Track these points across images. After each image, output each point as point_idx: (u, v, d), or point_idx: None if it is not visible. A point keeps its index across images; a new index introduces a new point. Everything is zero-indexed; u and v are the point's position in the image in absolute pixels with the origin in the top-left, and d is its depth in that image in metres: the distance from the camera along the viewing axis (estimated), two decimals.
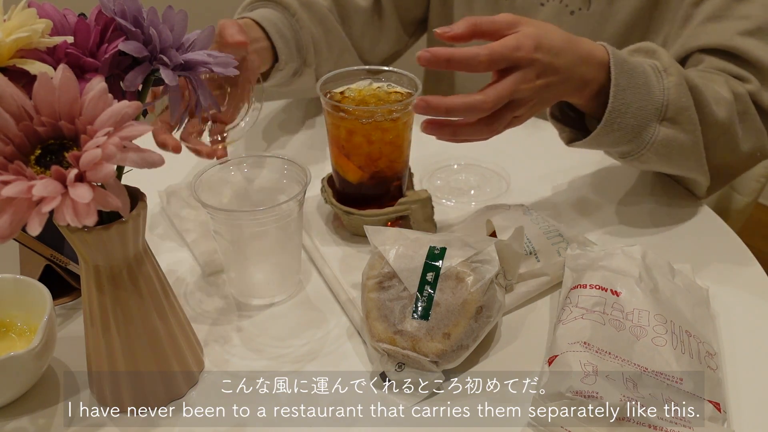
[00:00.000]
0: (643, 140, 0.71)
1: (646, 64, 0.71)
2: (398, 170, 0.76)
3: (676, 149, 0.72)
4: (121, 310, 0.53)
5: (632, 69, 0.70)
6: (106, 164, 0.40)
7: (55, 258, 0.66)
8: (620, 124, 0.69)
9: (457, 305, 0.59)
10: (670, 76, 0.70)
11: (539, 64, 0.64)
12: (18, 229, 0.40)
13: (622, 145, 0.72)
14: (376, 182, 0.75)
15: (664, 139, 0.71)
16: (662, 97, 0.70)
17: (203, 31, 0.53)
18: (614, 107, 0.68)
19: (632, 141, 0.71)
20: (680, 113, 0.70)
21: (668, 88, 0.70)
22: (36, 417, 0.57)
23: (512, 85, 0.63)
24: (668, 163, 0.74)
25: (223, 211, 0.64)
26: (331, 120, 0.73)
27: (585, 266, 0.66)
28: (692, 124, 0.71)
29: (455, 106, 0.62)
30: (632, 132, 0.70)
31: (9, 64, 0.46)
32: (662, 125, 0.70)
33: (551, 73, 0.65)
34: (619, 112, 0.69)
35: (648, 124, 0.70)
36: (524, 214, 0.73)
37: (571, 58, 0.66)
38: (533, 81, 0.64)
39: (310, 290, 0.71)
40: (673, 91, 0.70)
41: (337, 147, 0.74)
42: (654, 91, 0.70)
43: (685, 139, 0.72)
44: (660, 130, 0.70)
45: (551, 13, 0.94)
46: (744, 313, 0.67)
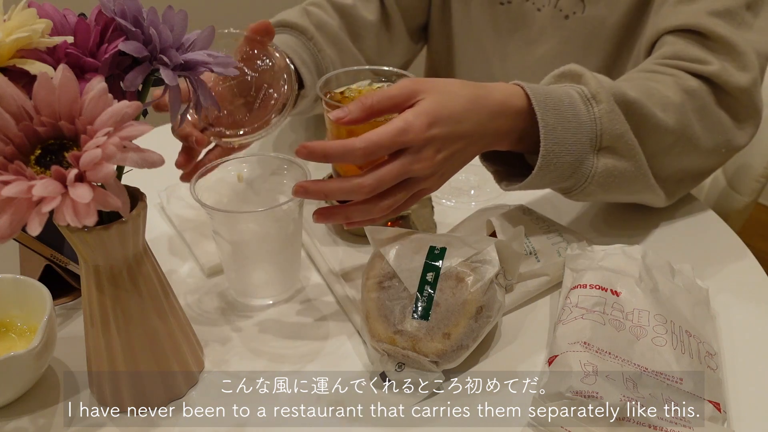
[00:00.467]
0: (583, 174, 0.68)
1: (574, 92, 0.68)
2: None
3: (619, 177, 0.69)
4: (121, 310, 0.53)
5: (558, 104, 0.66)
6: (106, 164, 0.40)
7: (55, 258, 0.66)
8: (557, 165, 0.66)
9: (457, 305, 0.59)
10: (600, 103, 0.67)
11: (437, 140, 0.60)
12: (18, 229, 0.40)
13: (562, 183, 0.69)
14: None
15: (605, 169, 0.68)
16: (594, 126, 0.67)
17: (203, 31, 0.53)
18: (547, 149, 0.65)
19: (571, 177, 0.68)
20: (616, 140, 0.67)
21: (599, 117, 0.67)
22: (36, 417, 0.57)
23: (399, 168, 0.59)
24: (614, 192, 0.71)
25: (223, 212, 0.64)
26: (331, 120, 0.73)
27: (585, 266, 0.66)
28: (631, 149, 0.68)
29: (331, 191, 0.59)
30: (570, 168, 0.67)
31: (9, 64, 0.46)
32: (600, 156, 0.68)
33: (454, 141, 0.61)
34: (553, 153, 0.65)
35: (585, 158, 0.67)
36: (524, 214, 0.73)
37: (479, 118, 0.62)
38: (431, 158, 0.60)
39: (310, 290, 0.71)
40: (605, 118, 0.67)
41: None
42: (584, 122, 0.66)
43: (626, 166, 0.69)
44: (599, 161, 0.68)
45: (547, 18, 0.94)
46: (744, 313, 0.67)
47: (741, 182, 1.03)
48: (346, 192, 0.59)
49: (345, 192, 0.59)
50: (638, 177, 0.71)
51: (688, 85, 0.73)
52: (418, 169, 0.60)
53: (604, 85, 0.68)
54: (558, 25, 0.93)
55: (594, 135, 0.67)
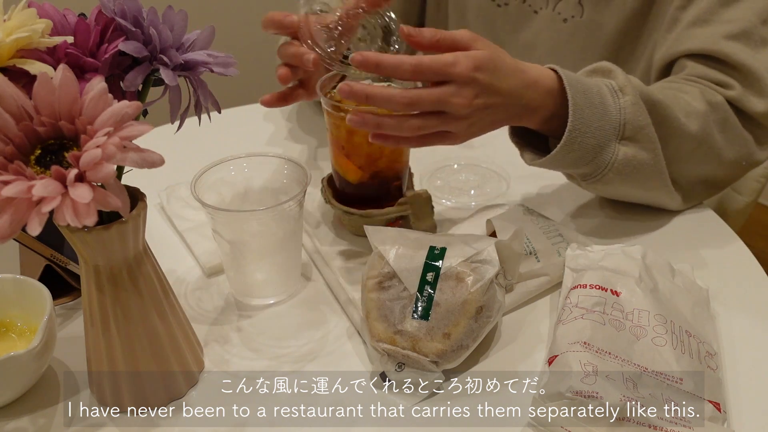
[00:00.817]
0: (604, 160, 0.70)
1: (603, 84, 0.71)
2: (398, 170, 0.76)
3: (638, 168, 0.71)
4: (121, 310, 0.53)
5: (587, 89, 0.69)
6: (106, 164, 0.40)
7: (55, 258, 0.66)
8: (581, 144, 0.69)
9: (457, 305, 0.59)
10: (626, 95, 0.70)
11: (477, 83, 0.63)
12: (18, 229, 0.40)
13: (582, 167, 0.72)
14: (377, 182, 0.75)
15: (624, 158, 0.70)
16: (619, 116, 0.70)
17: (203, 31, 0.53)
18: (574, 126, 0.68)
19: (592, 162, 0.71)
20: (638, 132, 0.70)
21: (624, 108, 0.70)
22: (36, 417, 0.57)
23: (439, 95, 0.62)
24: (631, 184, 0.74)
25: (223, 211, 0.64)
26: (331, 120, 0.73)
27: (585, 266, 0.66)
28: (651, 142, 0.71)
29: (373, 94, 0.62)
30: (592, 152, 0.70)
31: (9, 64, 0.46)
32: (621, 144, 0.70)
33: (492, 94, 0.64)
34: (579, 131, 0.68)
35: (607, 144, 0.70)
36: (524, 214, 0.73)
37: (516, 83, 0.66)
38: (470, 99, 0.63)
39: (310, 290, 0.71)
40: (630, 110, 0.70)
41: (338, 147, 0.74)
42: (611, 111, 0.70)
43: (646, 158, 0.71)
44: (620, 149, 0.70)
45: (545, 21, 0.94)
46: (744, 313, 0.67)
47: (741, 182, 1.03)
48: (386, 98, 0.62)
49: (385, 98, 0.62)
50: (655, 173, 0.72)
51: (712, 97, 0.75)
52: (456, 103, 0.62)
53: (632, 81, 0.71)
54: (556, 28, 0.93)
55: (618, 124, 0.70)
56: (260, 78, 1.90)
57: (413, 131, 0.64)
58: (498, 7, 0.98)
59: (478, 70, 0.63)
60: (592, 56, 0.93)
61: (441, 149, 0.96)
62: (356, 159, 0.73)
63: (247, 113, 1.08)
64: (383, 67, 0.61)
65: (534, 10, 0.95)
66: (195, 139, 0.92)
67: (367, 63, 0.61)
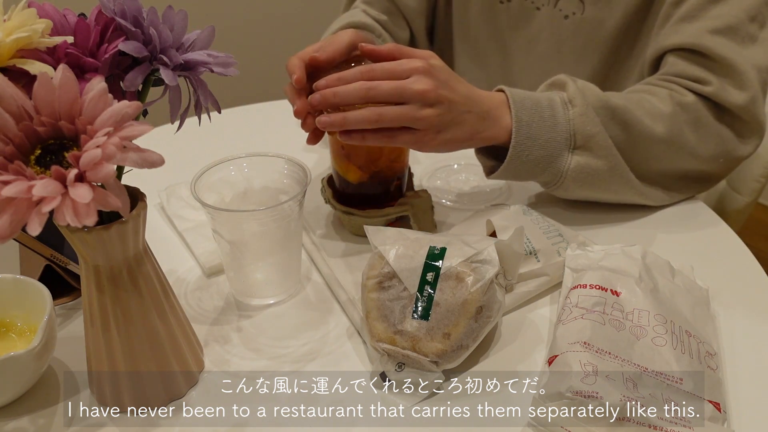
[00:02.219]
0: (558, 170, 0.74)
1: (556, 97, 0.75)
2: (398, 170, 0.76)
3: (593, 175, 0.74)
4: (121, 310, 0.53)
5: (537, 104, 0.73)
6: (106, 164, 0.40)
7: (55, 258, 0.66)
8: (528, 156, 0.73)
9: (457, 305, 0.59)
10: (575, 107, 0.73)
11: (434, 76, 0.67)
12: (18, 229, 0.40)
13: (538, 176, 0.76)
14: (376, 182, 0.75)
15: (577, 166, 0.74)
16: (568, 127, 0.73)
17: (203, 31, 0.53)
18: (518, 141, 0.72)
19: (546, 171, 0.74)
20: (589, 140, 0.73)
21: (572, 119, 0.73)
22: (36, 417, 0.57)
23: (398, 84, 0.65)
24: (590, 190, 0.76)
25: (223, 211, 0.64)
26: None
27: (585, 266, 0.66)
28: (604, 148, 0.73)
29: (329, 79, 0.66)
30: (544, 162, 0.74)
31: (9, 64, 0.46)
32: (574, 154, 0.74)
33: (450, 89, 0.68)
34: (524, 146, 0.72)
35: (559, 155, 0.74)
36: (524, 214, 0.73)
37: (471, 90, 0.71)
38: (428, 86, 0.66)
39: (310, 290, 0.71)
40: (578, 120, 0.73)
41: (337, 147, 0.74)
42: (560, 122, 0.73)
43: (600, 165, 0.74)
44: (572, 159, 0.74)
45: (546, 18, 0.94)
46: (744, 313, 0.67)
47: (741, 182, 1.03)
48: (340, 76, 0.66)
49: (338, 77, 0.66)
50: (614, 177, 0.75)
51: (682, 99, 0.77)
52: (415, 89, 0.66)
53: (585, 93, 0.74)
54: (557, 24, 0.94)
55: (568, 135, 0.73)
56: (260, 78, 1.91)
57: (375, 120, 0.65)
58: (500, 4, 0.98)
59: (433, 66, 0.67)
60: (593, 53, 0.93)
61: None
62: (356, 159, 0.73)
63: (247, 113, 1.09)
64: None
65: (536, 7, 0.95)
66: (195, 139, 0.92)
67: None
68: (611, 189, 0.77)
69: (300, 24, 2.01)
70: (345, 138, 0.67)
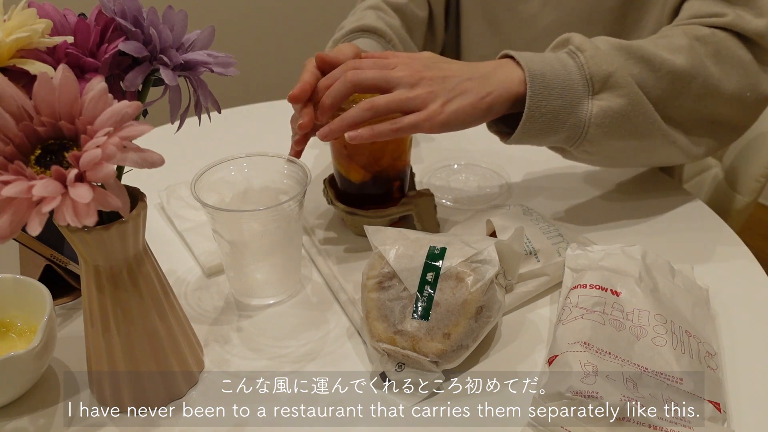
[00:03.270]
0: (580, 120, 0.70)
1: (562, 53, 0.72)
2: (400, 169, 0.76)
3: (618, 117, 0.71)
4: (121, 310, 0.53)
5: (544, 58, 0.71)
6: (106, 164, 0.40)
7: (55, 258, 0.66)
8: (546, 107, 0.69)
9: (457, 305, 0.59)
10: (584, 51, 0.71)
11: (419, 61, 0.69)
12: (18, 229, 0.40)
13: (559, 131, 0.71)
14: (379, 182, 0.75)
15: (600, 110, 0.70)
16: (583, 72, 0.70)
17: (203, 31, 0.53)
18: (534, 91, 0.69)
19: (568, 122, 0.70)
20: (607, 80, 0.70)
21: (585, 63, 0.70)
22: (36, 417, 0.57)
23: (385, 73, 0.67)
24: (618, 135, 0.72)
25: (223, 211, 0.64)
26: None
27: (585, 266, 0.66)
28: (624, 86, 0.70)
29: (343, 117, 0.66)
30: (563, 113, 0.70)
31: (9, 64, 0.46)
32: (595, 99, 0.70)
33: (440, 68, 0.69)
34: (541, 96, 0.69)
35: (579, 102, 0.70)
36: (524, 214, 0.73)
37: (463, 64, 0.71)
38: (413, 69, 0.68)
39: (310, 290, 0.71)
40: (591, 63, 0.70)
41: (339, 147, 0.74)
42: (573, 70, 0.70)
43: (623, 103, 0.70)
44: (593, 104, 0.70)
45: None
46: (744, 313, 0.67)
47: (741, 182, 1.03)
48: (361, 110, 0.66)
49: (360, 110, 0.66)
50: (639, 116, 0.71)
51: (697, 32, 0.74)
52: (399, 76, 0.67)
53: (593, 40, 0.72)
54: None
55: (585, 80, 0.70)
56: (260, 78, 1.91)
57: (368, 109, 0.66)
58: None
59: (417, 56, 0.69)
60: (598, 24, 0.91)
61: (440, 149, 0.97)
62: (359, 159, 0.73)
63: (247, 113, 1.09)
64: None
65: None
66: (195, 139, 0.92)
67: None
68: (638, 132, 0.72)
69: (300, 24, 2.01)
70: (355, 139, 0.66)
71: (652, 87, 0.71)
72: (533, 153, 0.94)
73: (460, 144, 0.97)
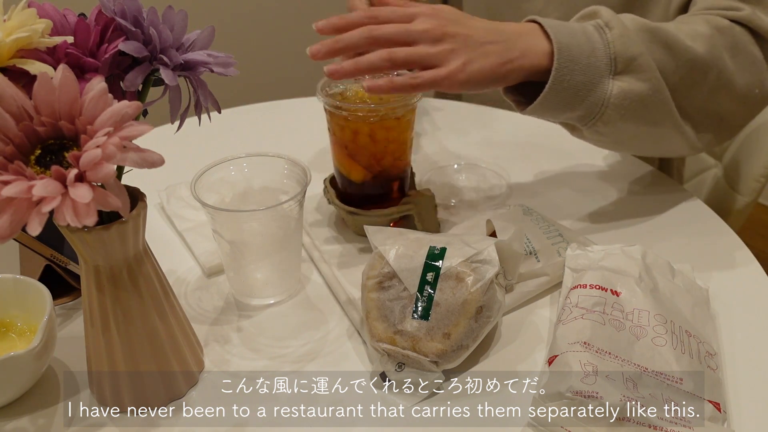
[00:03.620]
0: (599, 98, 0.69)
1: (588, 25, 0.71)
2: (401, 168, 0.76)
3: (637, 101, 0.70)
4: (121, 310, 0.53)
5: (572, 31, 0.69)
6: (106, 164, 0.40)
7: (55, 258, 0.66)
8: (570, 82, 0.68)
9: (457, 305, 0.59)
10: (612, 29, 0.69)
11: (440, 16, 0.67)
12: (18, 229, 0.40)
13: (577, 107, 0.70)
14: (380, 181, 0.75)
15: (620, 92, 0.69)
16: (608, 50, 0.69)
17: (203, 31, 0.53)
18: (560, 64, 0.67)
19: (586, 100, 0.69)
20: (631, 63, 0.69)
21: (612, 42, 0.69)
22: (36, 417, 0.57)
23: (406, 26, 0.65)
24: (634, 120, 0.71)
25: (224, 211, 0.64)
26: (334, 121, 0.73)
27: (585, 266, 0.66)
28: (647, 71, 0.69)
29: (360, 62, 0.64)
30: (584, 89, 0.69)
31: (9, 64, 0.46)
32: (616, 79, 0.69)
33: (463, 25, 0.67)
34: (566, 69, 0.68)
35: (600, 81, 0.69)
36: (524, 214, 0.73)
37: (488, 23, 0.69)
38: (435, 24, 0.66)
39: (310, 290, 0.71)
40: (618, 43, 0.69)
41: (341, 147, 0.74)
42: (599, 47, 0.69)
43: (643, 88, 0.70)
44: (614, 84, 0.69)
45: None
46: (744, 313, 0.67)
47: (741, 182, 1.03)
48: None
49: None
50: (657, 102, 0.71)
51: (718, 22, 0.74)
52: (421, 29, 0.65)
53: (619, 16, 0.70)
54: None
55: (608, 59, 0.69)
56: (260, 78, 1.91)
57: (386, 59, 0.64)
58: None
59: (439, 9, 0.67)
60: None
61: (440, 149, 0.97)
62: (361, 158, 0.74)
63: (247, 113, 1.09)
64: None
65: None
66: (195, 139, 0.92)
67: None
68: (652, 118, 0.72)
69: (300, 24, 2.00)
70: (373, 89, 0.64)
71: (671, 73, 0.71)
72: (533, 153, 0.94)
73: (460, 144, 0.97)
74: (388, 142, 0.72)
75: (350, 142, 0.72)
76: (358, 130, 0.71)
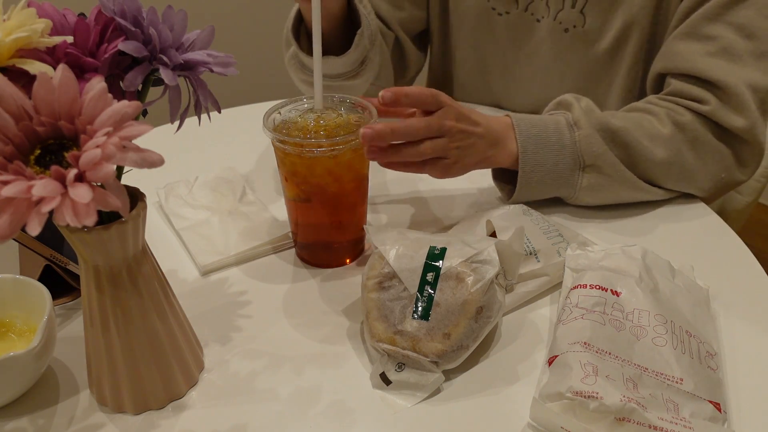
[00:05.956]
0: (572, 187, 0.78)
1: (562, 119, 0.78)
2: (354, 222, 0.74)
3: (605, 188, 0.78)
4: (121, 310, 0.53)
5: (543, 130, 0.77)
6: (106, 164, 0.40)
7: (55, 258, 0.66)
8: (538, 181, 0.78)
9: (457, 305, 0.59)
10: (580, 129, 0.77)
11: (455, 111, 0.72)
12: (18, 229, 0.40)
13: (554, 193, 0.80)
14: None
15: (589, 184, 0.78)
16: (575, 149, 0.77)
17: (203, 31, 0.53)
18: (525, 170, 0.77)
19: (561, 190, 0.79)
20: (596, 159, 0.77)
21: (578, 141, 0.77)
22: (36, 417, 0.57)
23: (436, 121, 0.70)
24: (609, 197, 0.79)
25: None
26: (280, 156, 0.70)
27: (585, 266, 0.66)
28: (611, 165, 0.77)
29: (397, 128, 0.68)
30: (555, 184, 0.78)
31: (9, 64, 0.46)
32: (585, 172, 0.78)
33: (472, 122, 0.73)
34: (532, 172, 0.77)
35: (570, 175, 0.78)
36: (524, 214, 0.73)
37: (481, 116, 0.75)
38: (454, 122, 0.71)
39: (311, 290, 0.71)
40: (583, 142, 0.76)
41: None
42: (567, 145, 0.77)
43: (608, 180, 0.78)
44: (583, 177, 0.78)
45: (546, 30, 0.94)
46: (744, 313, 0.67)
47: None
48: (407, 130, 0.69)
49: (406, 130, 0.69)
50: (623, 185, 0.79)
51: (679, 118, 0.78)
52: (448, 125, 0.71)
53: (589, 115, 0.78)
54: (557, 38, 0.94)
55: (576, 156, 0.77)
56: (260, 78, 1.91)
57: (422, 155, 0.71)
58: (499, 16, 0.98)
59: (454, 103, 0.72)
60: (595, 65, 0.93)
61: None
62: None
63: (247, 113, 1.08)
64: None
65: (536, 19, 0.95)
66: (195, 139, 0.92)
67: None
68: (626, 194, 0.80)
69: None
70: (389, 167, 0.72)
71: (634, 167, 0.78)
72: None
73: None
74: None
75: None
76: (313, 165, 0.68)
